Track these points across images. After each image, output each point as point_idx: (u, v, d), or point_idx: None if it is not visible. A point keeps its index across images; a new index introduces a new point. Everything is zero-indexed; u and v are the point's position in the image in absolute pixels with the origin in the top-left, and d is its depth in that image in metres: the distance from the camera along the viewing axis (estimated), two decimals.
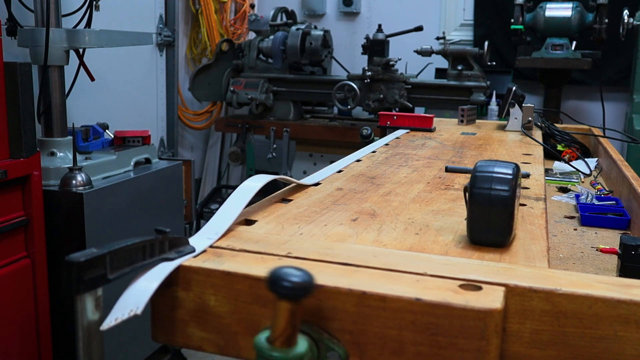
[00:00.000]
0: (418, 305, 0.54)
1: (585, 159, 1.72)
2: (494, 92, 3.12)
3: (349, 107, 3.37)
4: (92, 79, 2.26)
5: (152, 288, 0.57)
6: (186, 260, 0.62)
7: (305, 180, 1.06)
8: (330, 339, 0.57)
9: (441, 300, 0.54)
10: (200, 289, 0.61)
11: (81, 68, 2.21)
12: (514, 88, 1.89)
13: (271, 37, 3.59)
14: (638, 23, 3.09)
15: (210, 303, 0.60)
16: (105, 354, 0.56)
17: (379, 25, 3.43)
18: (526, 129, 1.83)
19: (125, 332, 2.07)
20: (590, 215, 1.22)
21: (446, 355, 0.54)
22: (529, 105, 1.88)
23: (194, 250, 0.64)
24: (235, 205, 0.77)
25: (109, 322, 0.52)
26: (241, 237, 0.71)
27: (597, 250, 1.06)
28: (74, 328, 0.52)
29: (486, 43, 3.24)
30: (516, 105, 1.87)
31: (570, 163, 1.68)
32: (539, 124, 1.94)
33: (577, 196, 1.36)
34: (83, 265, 0.49)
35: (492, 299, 0.54)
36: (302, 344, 0.55)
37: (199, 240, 0.68)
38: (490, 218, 0.70)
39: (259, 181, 0.83)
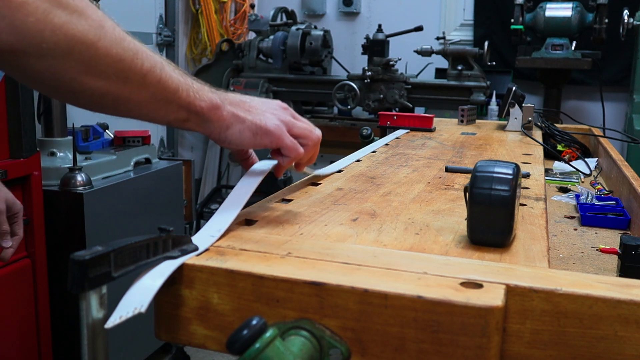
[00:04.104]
0: (420, 302, 0.55)
1: (585, 159, 1.73)
2: (494, 92, 3.12)
3: (349, 107, 3.37)
4: None
5: (156, 286, 0.57)
6: (189, 259, 0.62)
7: (319, 172, 1.07)
8: (332, 336, 0.57)
9: (442, 298, 0.54)
10: (203, 287, 0.61)
11: None
12: (514, 88, 1.89)
13: (271, 37, 3.59)
14: (638, 23, 3.10)
15: (213, 301, 0.61)
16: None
17: (379, 25, 3.43)
18: (526, 129, 1.83)
19: (127, 330, 2.07)
20: (590, 215, 1.22)
21: (448, 352, 0.55)
22: (529, 105, 1.88)
23: (197, 249, 0.64)
24: (242, 194, 0.78)
25: (114, 320, 0.52)
26: (241, 237, 0.71)
27: (597, 250, 1.06)
28: (79, 326, 0.53)
29: (486, 43, 3.24)
30: (516, 105, 1.87)
31: (570, 163, 1.68)
32: (539, 124, 1.94)
33: (577, 196, 1.36)
34: (88, 262, 0.50)
35: (493, 297, 0.55)
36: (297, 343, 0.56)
37: (202, 239, 0.68)
38: (490, 218, 0.71)
39: (265, 165, 0.84)
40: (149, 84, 0.66)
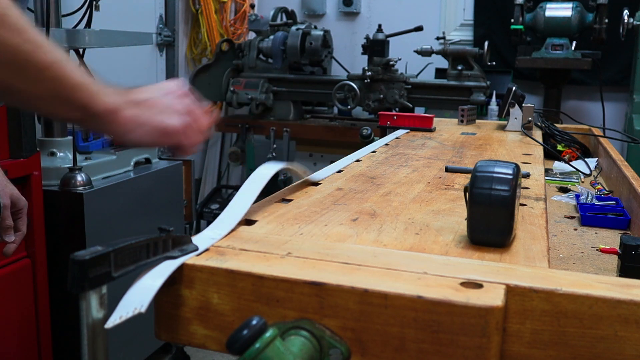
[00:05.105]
0: (420, 302, 0.55)
1: (585, 159, 1.73)
2: (494, 92, 3.12)
3: (349, 107, 3.37)
4: None
5: (156, 286, 0.57)
6: (189, 259, 0.62)
7: (313, 176, 1.07)
8: (332, 336, 0.57)
9: (442, 298, 0.54)
10: (203, 287, 0.61)
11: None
12: (514, 88, 1.89)
13: (271, 37, 3.59)
14: (638, 23, 3.10)
15: (213, 301, 0.61)
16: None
17: (379, 25, 3.43)
18: (526, 129, 1.83)
19: (127, 330, 2.07)
20: (590, 215, 1.22)
21: (447, 352, 0.55)
22: (529, 105, 1.88)
23: (197, 249, 0.65)
24: (248, 196, 0.78)
25: (114, 320, 0.52)
26: (241, 237, 0.71)
27: (597, 250, 1.06)
28: (79, 326, 0.53)
29: (486, 43, 3.24)
30: (516, 105, 1.87)
31: (570, 163, 1.68)
32: (539, 124, 1.94)
33: (577, 196, 1.36)
34: (88, 262, 0.50)
35: (492, 297, 0.55)
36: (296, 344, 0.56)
37: (202, 239, 0.68)
38: (490, 218, 0.71)
39: (271, 169, 0.84)
40: (45, 79, 0.66)
